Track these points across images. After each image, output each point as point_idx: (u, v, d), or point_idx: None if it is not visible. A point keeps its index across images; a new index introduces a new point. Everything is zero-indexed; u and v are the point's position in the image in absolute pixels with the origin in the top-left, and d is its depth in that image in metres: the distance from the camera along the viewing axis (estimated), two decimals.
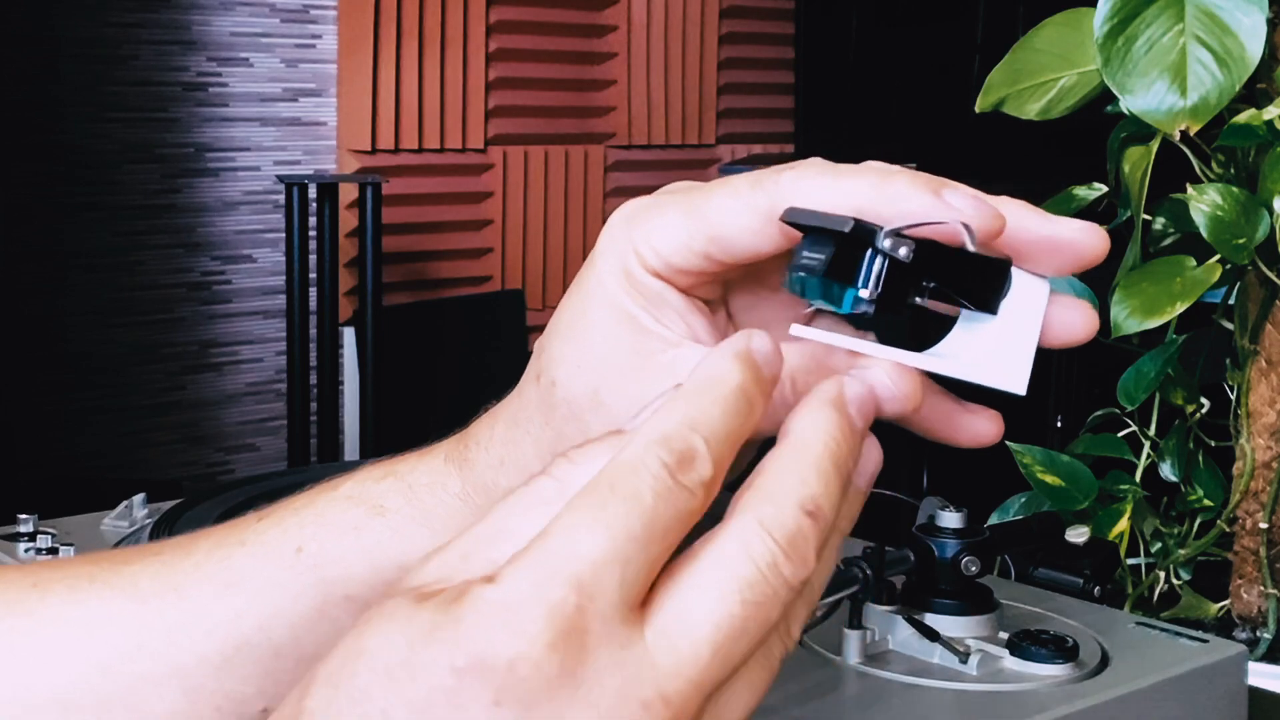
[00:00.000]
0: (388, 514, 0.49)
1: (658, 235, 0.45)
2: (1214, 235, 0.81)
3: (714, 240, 0.44)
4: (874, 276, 0.42)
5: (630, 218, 0.46)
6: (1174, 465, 0.93)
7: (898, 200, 0.42)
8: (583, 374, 0.46)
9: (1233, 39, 0.81)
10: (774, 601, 0.35)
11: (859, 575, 0.66)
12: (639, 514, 0.34)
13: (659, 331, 0.45)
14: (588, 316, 0.46)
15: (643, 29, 2.95)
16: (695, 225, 0.44)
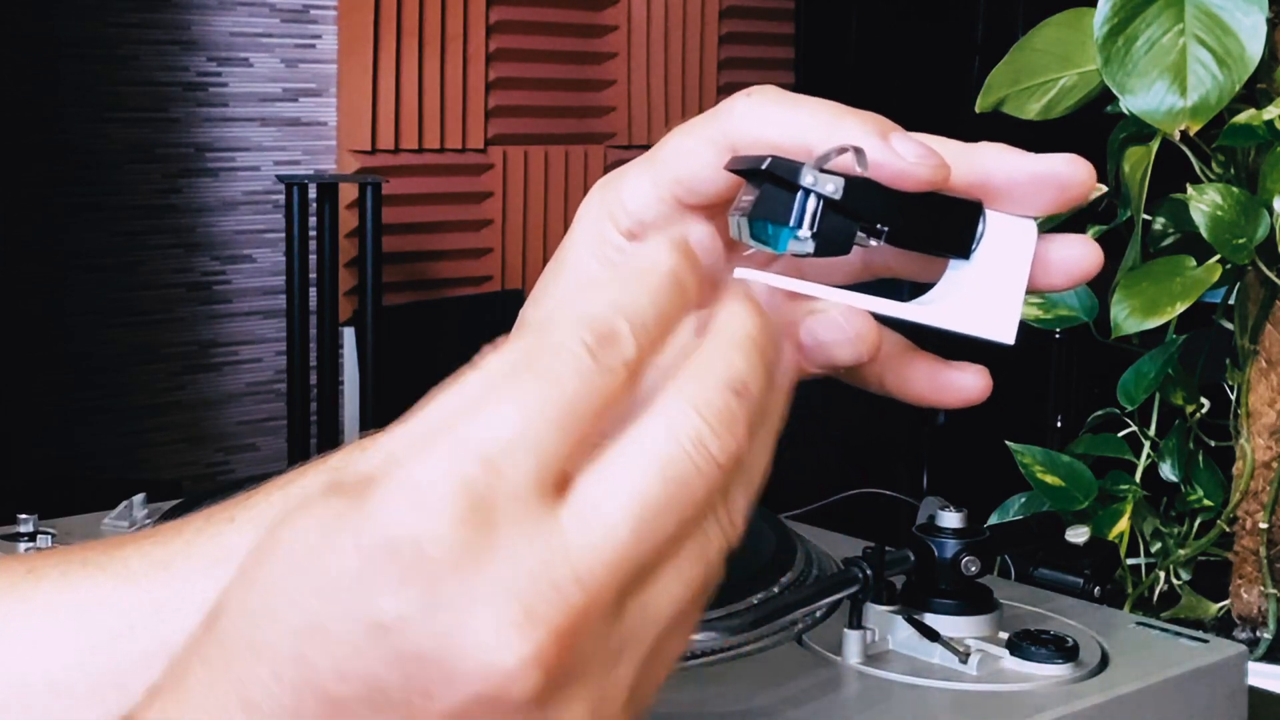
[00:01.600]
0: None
1: (626, 193, 0.45)
2: (1214, 235, 0.81)
3: (678, 182, 0.44)
4: (808, 215, 0.41)
5: (603, 185, 0.46)
6: (1174, 465, 0.93)
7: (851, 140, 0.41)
8: None
9: (1233, 39, 0.81)
10: (700, 479, 0.34)
11: (859, 575, 0.66)
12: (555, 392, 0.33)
13: None
14: (559, 280, 0.47)
15: (643, 29, 2.94)
16: (657, 173, 0.44)
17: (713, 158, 0.43)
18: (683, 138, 0.44)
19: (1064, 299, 0.93)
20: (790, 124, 0.42)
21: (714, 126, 0.43)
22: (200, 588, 0.49)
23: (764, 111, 0.43)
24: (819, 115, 0.42)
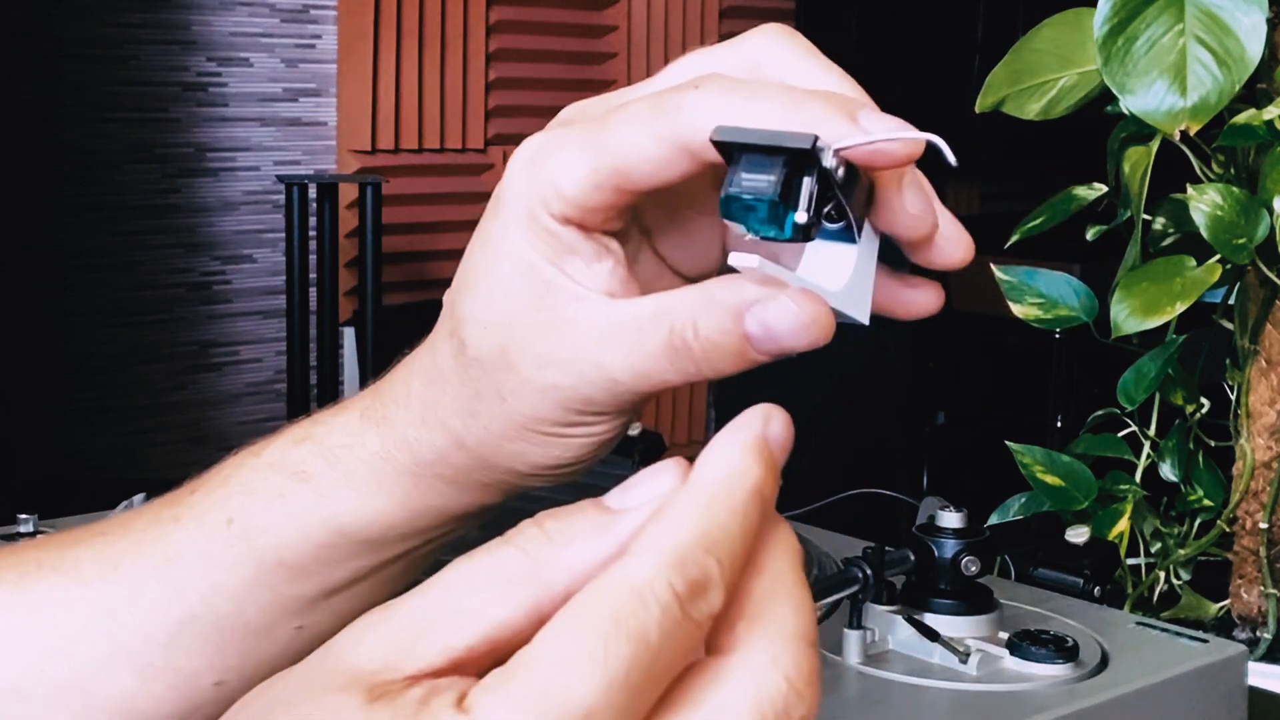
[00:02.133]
0: (310, 479, 0.48)
1: (562, 177, 0.42)
2: (1214, 235, 0.81)
3: (619, 173, 0.42)
4: (806, 198, 0.40)
5: (531, 161, 0.43)
6: (1174, 465, 0.93)
7: (814, 126, 0.40)
8: (490, 334, 0.44)
9: (1233, 39, 0.81)
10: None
11: (859, 575, 0.66)
12: (643, 657, 0.29)
13: (563, 285, 0.43)
14: (491, 272, 0.45)
15: (643, 29, 2.94)
16: (599, 161, 0.42)
17: (660, 153, 0.41)
18: (630, 130, 0.41)
19: (1064, 299, 0.93)
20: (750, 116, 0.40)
21: (664, 122, 0.41)
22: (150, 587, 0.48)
23: (719, 107, 0.41)
24: (776, 104, 0.41)
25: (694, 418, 3.01)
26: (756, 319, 0.41)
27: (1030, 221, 0.95)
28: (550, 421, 0.44)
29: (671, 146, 0.41)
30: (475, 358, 0.45)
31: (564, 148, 0.43)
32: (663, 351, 0.42)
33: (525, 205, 0.43)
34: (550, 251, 0.43)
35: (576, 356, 0.43)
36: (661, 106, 0.41)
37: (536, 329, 0.43)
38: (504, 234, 0.44)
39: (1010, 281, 0.94)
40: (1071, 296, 0.93)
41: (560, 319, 0.43)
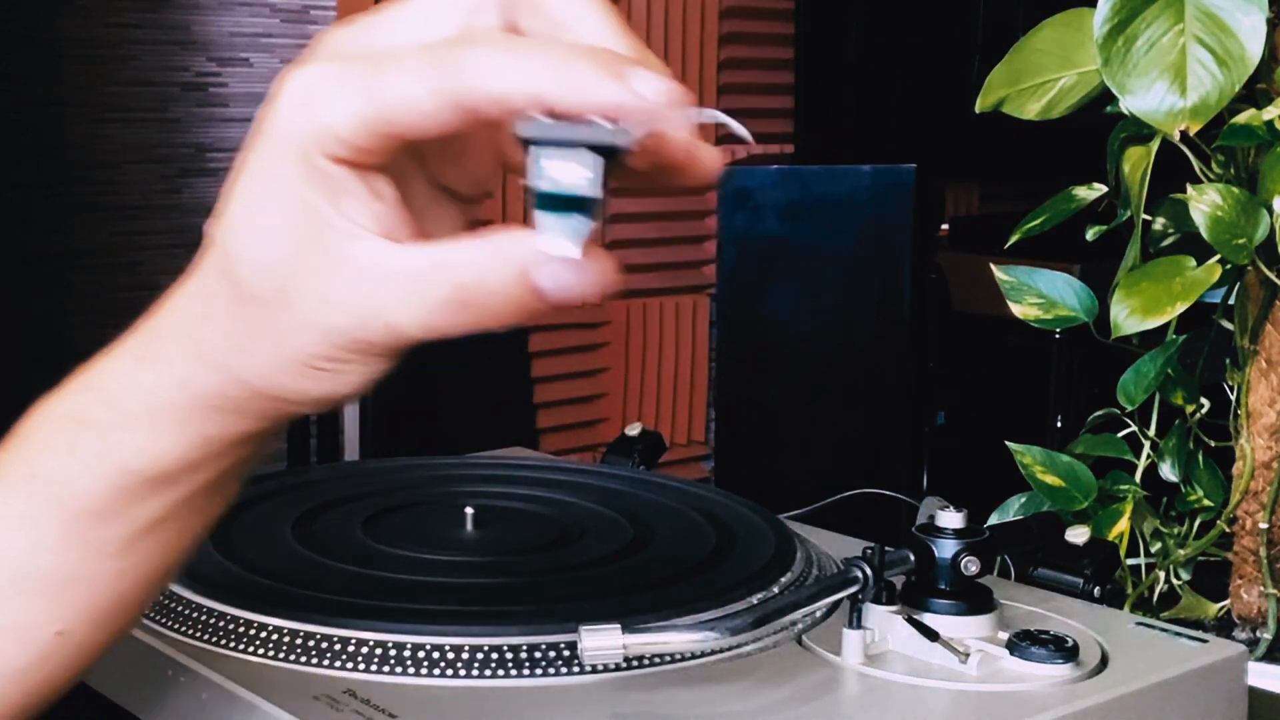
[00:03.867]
0: (93, 425, 0.49)
1: (335, 118, 0.43)
2: (1214, 235, 0.81)
3: (392, 122, 0.43)
4: (601, 177, 0.42)
5: (304, 101, 0.44)
6: (1174, 465, 0.93)
7: (584, 89, 0.41)
8: (267, 273, 0.45)
9: (1233, 39, 0.81)
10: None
11: (859, 575, 0.66)
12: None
13: (341, 225, 0.44)
14: (266, 212, 0.45)
15: (643, 29, 2.94)
16: (373, 108, 0.43)
17: (436, 106, 0.42)
18: (407, 82, 0.42)
19: (1064, 299, 0.93)
20: (523, 72, 0.42)
21: (440, 78, 0.42)
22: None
23: (493, 62, 0.42)
24: (544, 58, 0.42)
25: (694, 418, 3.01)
26: (550, 277, 0.42)
27: (1030, 221, 0.95)
28: (326, 359, 0.45)
29: (447, 102, 0.42)
30: (253, 296, 0.45)
31: (338, 89, 0.43)
32: (445, 303, 0.43)
33: (298, 145, 0.44)
34: (326, 191, 0.44)
35: (356, 300, 0.44)
36: (438, 63, 0.42)
37: (316, 269, 0.44)
38: (276, 173, 0.44)
39: (1010, 281, 0.94)
40: (1071, 296, 0.93)
41: (339, 259, 0.44)
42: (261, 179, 0.45)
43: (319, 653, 0.65)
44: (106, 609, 0.52)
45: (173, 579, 0.55)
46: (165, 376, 0.48)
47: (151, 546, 0.51)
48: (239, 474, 0.52)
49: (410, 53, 0.43)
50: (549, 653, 0.64)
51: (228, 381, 0.47)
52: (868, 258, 2.18)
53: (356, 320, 0.44)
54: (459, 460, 0.99)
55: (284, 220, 0.44)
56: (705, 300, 3.02)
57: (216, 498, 0.52)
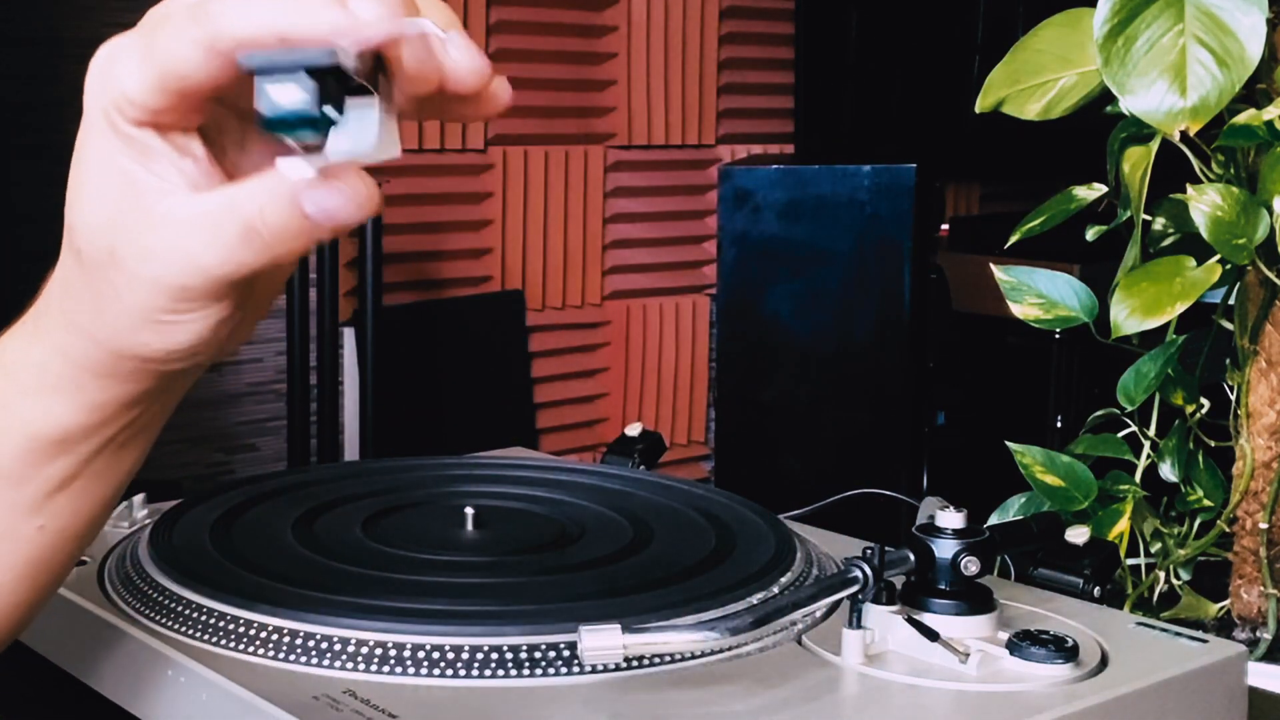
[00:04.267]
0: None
1: (127, 82, 0.47)
2: (1214, 235, 0.81)
3: (171, 78, 0.46)
4: (335, 98, 0.44)
5: (103, 68, 0.48)
6: (1174, 465, 0.93)
7: (315, 22, 0.44)
8: (96, 236, 0.49)
9: (1233, 39, 0.81)
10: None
11: (859, 575, 0.66)
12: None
13: (152, 182, 0.48)
14: (89, 179, 0.49)
15: (643, 29, 2.94)
16: (150, 69, 0.46)
17: (201, 58, 0.46)
18: (172, 37, 0.46)
19: (1064, 299, 0.93)
20: (262, 15, 0.45)
21: (197, 29, 0.45)
22: None
23: (237, 7, 0.45)
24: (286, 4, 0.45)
25: (694, 418, 3.01)
26: (313, 202, 0.46)
27: (1030, 221, 0.95)
28: (161, 310, 0.49)
29: (207, 52, 0.45)
30: (90, 260, 0.49)
31: (126, 55, 0.47)
32: (239, 239, 0.47)
33: (103, 112, 0.48)
34: (134, 153, 0.48)
35: (169, 248, 0.48)
36: (193, 14, 0.46)
37: (135, 226, 0.48)
38: (92, 143, 0.48)
39: (1010, 281, 0.94)
40: (1071, 296, 0.93)
41: (154, 215, 0.48)
42: (83, 150, 0.49)
43: (319, 653, 0.65)
44: (30, 565, 0.55)
45: (91, 539, 0.58)
46: (49, 348, 0.52)
47: (64, 505, 0.55)
48: (141, 437, 0.56)
49: (177, 10, 0.46)
50: (549, 653, 0.64)
51: (93, 346, 0.51)
52: (868, 258, 2.18)
53: (174, 268, 0.48)
54: (459, 460, 0.99)
55: (103, 185, 0.48)
56: (705, 300, 3.02)
57: (122, 458, 0.55)
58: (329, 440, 2.56)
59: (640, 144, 2.95)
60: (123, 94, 0.47)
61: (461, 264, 2.83)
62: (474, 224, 2.84)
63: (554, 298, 2.88)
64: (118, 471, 0.56)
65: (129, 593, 0.72)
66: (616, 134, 2.94)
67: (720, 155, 3.02)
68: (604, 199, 2.93)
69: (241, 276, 0.48)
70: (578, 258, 2.91)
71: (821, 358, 2.20)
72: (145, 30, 0.47)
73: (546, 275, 2.89)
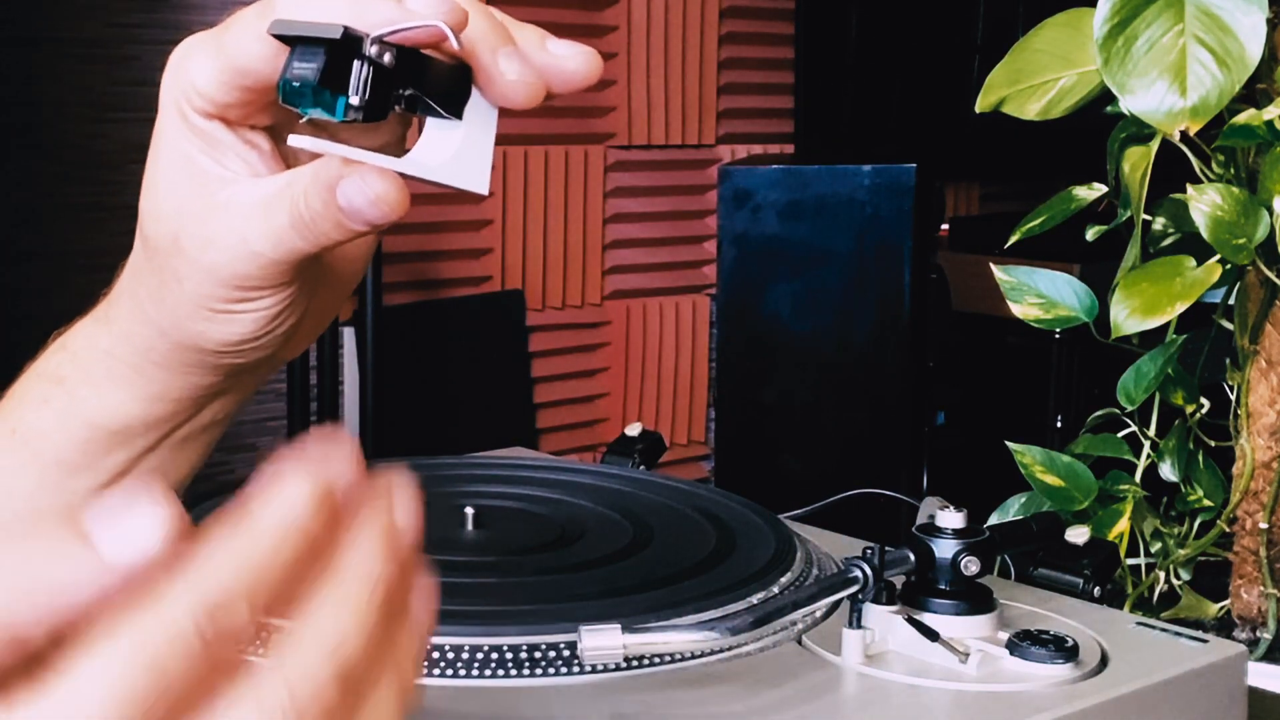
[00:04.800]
0: (63, 382, 0.54)
1: (197, 75, 0.48)
2: (1214, 235, 0.81)
3: (240, 73, 0.47)
4: (361, 83, 0.44)
5: (178, 62, 0.49)
6: (1174, 465, 0.93)
7: (371, 9, 0.44)
8: (162, 224, 0.50)
9: (1233, 39, 0.81)
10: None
11: (859, 575, 0.66)
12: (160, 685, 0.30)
13: (217, 171, 0.49)
14: (158, 168, 0.50)
15: (643, 29, 2.94)
16: (221, 62, 0.47)
17: (265, 52, 0.46)
18: (241, 31, 0.46)
19: (1064, 299, 0.93)
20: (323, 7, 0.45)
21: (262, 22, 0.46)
22: None
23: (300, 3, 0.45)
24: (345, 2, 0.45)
25: (694, 418, 3.01)
26: (344, 194, 0.46)
27: (1030, 221, 0.95)
28: (219, 299, 0.50)
29: (271, 45, 0.46)
30: (156, 248, 0.50)
31: (199, 49, 0.48)
32: (290, 223, 0.47)
33: (175, 104, 0.49)
34: (201, 143, 0.49)
35: (228, 234, 0.48)
36: (260, 9, 0.46)
37: (198, 214, 0.49)
38: (163, 132, 0.50)
39: (1010, 281, 0.94)
40: (1071, 296, 0.93)
41: (216, 203, 0.49)
42: (156, 141, 0.50)
43: None
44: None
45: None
46: (117, 335, 0.53)
47: None
48: (198, 439, 0.56)
49: (249, 9, 0.47)
50: (549, 653, 0.64)
51: (155, 335, 0.52)
52: (868, 258, 2.18)
53: (232, 254, 0.48)
54: (459, 460, 0.99)
55: (172, 174, 0.49)
56: (705, 300, 3.02)
57: (178, 457, 0.56)
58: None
59: (640, 144, 2.95)
60: (193, 86, 0.48)
61: (461, 264, 2.83)
62: (474, 224, 2.84)
63: (554, 298, 2.88)
64: (173, 471, 0.56)
65: None
66: (616, 134, 2.94)
67: (720, 155, 3.02)
68: (604, 199, 2.93)
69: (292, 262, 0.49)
70: (578, 258, 2.91)
71: (821, 358, 2.20)
72: (218, 28, 0.48)
73: (546, 275, 2.89)
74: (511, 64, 0.47)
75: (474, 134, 0.48)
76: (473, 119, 0.48)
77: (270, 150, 0.50)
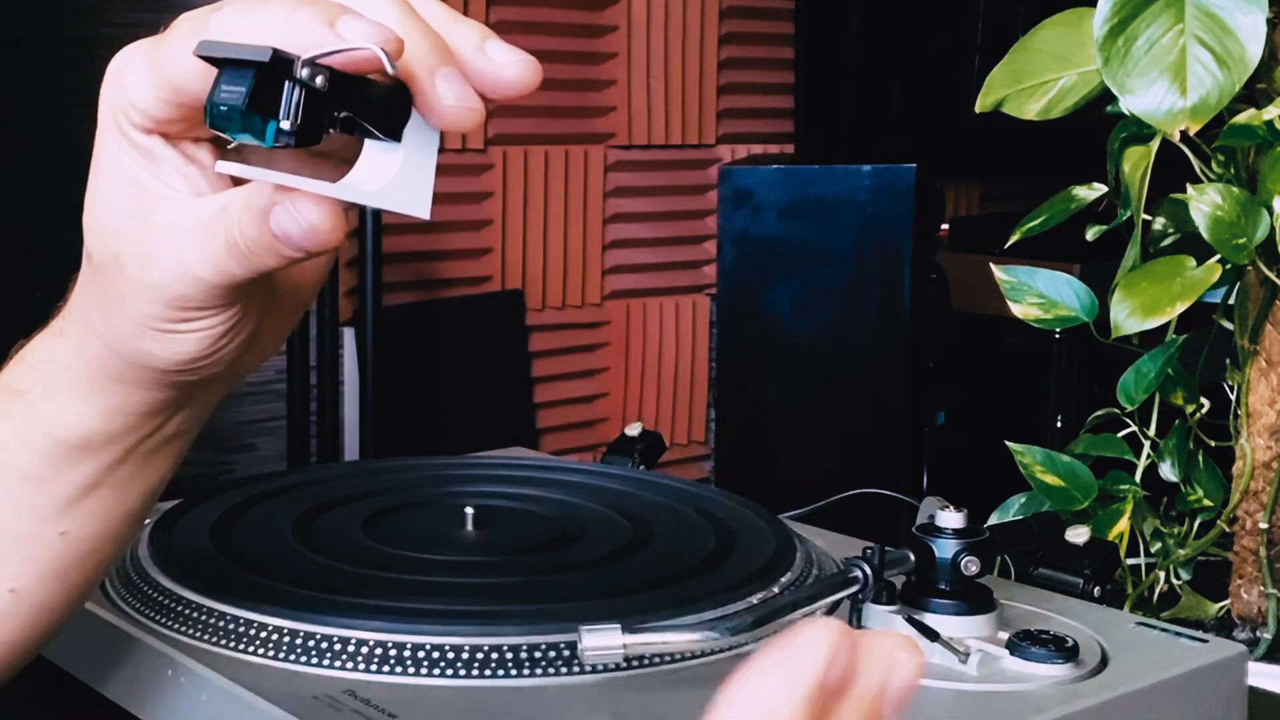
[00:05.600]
0: (24, 395, 0.53)
1: (134, 90, 0.47)
2: (1214, 235, 0.81)
3: (175, 89, 0.46)
4: (293, 107, 0.43)
5: (114, 74, 0.48)
6: (1174, 465, 0.93)
7: (303, 32, 0.43)
8: (104, 240, 0.49)
9: (1233, 39, 0.81)
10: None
11: (859, 575, 0.66)
12: None
13: (156, 188, 0.48)
14: (99, 183, 0.49)
15: (643, 29, 2.94)
16: (156, 77, 0.46)
17: (199, 70, 0.45)
18: (175, 47, 0.46)
19: (1064, 299, 0.93)
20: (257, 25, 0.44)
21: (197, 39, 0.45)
22: None
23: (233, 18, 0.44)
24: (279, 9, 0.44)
25: (694, 418, 3.01)
26: (276, 221, 0.45)
27: (1030, 221, 0.95)
28: (161, 318, 0.49)
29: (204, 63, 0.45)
30: (98, 264, 0.49)
31: (136, 62, 0.47)
32: (225, 248, 0.47)
33: (113, 118, 0.48)
34: (140, 159, 0.48)
35: (167, 255, 0.47)
36: (196, 26, 0.45)
37: (138, 232, 0.48)
38: (103, 146, 0.49)
39: (1010, 281, 0.94)
40: (1071, 296, 0.93)
41: (156, 221, 0.48)
42: (97, 154, 0.49)
43: (319, 653, 0.65)
44: (54, 569, 0.55)
45: (120, 547, 0.58)
46: (72, 350, 0.52)
47: (87, 511, 0.54)
48: (167, 449, 0.55)
49: (182, 21, 0.46)
50: (549, 653, 0.64)
51: (105, 350, 0.51)
52: (868, 258, 2.18)
53: (171, 275, 0.47)
54: (459, 460, 0.99)
55: (112, 190, 0.48)
56: (705, 300, 3.02)
57: (147, 468, 0.55)
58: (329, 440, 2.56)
59: (640, 144, 2.95)
60: (130, 101, 0.47)
61: (461, 264, 2.83)
62: (474, 224, 2.83)
63: (554, 298, 2.88)
64: (142, 481, 0.55)
65: (129, 593, 0.72)
66: (616, 134, 2.94)
67: (720, 155, 3.02)
68: (604, 199, 2.93)
69: (232, 286, 0.48)
70: (578, 258, 2.91)
71: (821, 358, 2.20)
72: (153, 40, 0.47)
73: (546, 275, 2.89)
74: (449, 87, 0.45)
75: (414, 155, 0.46)
76: (413, 140, 0.46)
77: (209, 163, 0.49)
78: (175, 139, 0.48)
